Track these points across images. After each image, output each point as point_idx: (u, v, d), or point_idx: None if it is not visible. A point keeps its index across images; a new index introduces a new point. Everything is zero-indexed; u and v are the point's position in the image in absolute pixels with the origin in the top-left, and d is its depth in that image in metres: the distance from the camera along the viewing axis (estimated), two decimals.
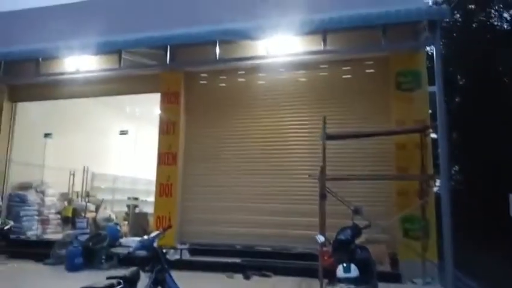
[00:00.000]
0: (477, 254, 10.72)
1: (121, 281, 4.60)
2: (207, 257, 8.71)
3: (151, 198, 11.10)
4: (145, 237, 5.71)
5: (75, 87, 10.99)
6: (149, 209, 11.69)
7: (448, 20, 16.98)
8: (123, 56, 9.33)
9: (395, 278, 7.40)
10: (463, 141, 18.11)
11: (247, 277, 7.71)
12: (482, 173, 15.85)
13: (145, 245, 5.45)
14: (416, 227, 7.75)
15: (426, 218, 7.52)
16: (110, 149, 14.91)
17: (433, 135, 8.87)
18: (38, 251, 9.44)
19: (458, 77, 19.34)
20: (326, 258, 6.40)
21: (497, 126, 14.97)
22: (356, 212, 5.75)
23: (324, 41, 8.24)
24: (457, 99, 19.34)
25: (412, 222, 7.82)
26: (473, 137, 16.47)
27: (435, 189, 8.77)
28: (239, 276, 7.80)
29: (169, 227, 6.03)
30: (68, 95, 11.29)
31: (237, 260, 8.38)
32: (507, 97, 15.36)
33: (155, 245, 5.62)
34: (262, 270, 7.93)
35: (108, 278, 4.80)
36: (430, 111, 8.98)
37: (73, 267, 8.14)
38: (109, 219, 10.73)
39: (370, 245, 5.67)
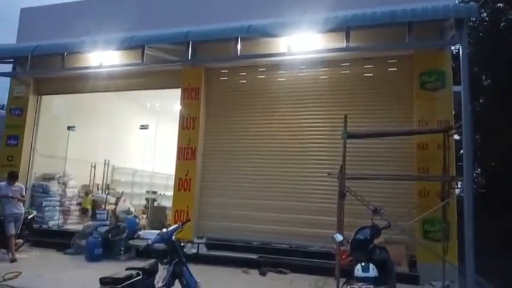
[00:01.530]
0: (499, 259, 10.45)
1: (140, 272, 4.67)
2: (224, 251, 8.77)
3: (170, 193, 11.25)
4: (164, 230, 5.77)
5: (98, 82, 11.21)
6: (168, 203, 11.86)
7: (474, 18, 16.55)
8: (146, 51, 9.44)
9: (413, 279, 7.30)
10: (486, 143, 17.65)
11: (263, 273, 7.72)
12: (505, 177, 15.41)
13: (164, 238, 5.52)
14: (436, 228, 7.62)
15: (447, 220, 7.35)
16: (130, 143, 15.14)
17: (456, 137, 8.68)
18: (59, 240, 9.71)
19: (483, 77, 18.84)
20: (343, 257, 6.36)
21: None
22: (375, 212, 5.67)
23: (347, 38, 8.13)
24: (481, 101, 18.86)
25: (433, 224, 7.69)
26: (496, 140, 16.04)
27: (457, 191, 8.58)
28: (255, 272, 7.82)
29: (188, 220, 6.09)
30: (91, 89, 11.51)
31: (254, 256, 8.41)
32: None
33: (173, 238, 5.70)
34: (278, 267, 7.93)
35: (127, 269, 4.89)
36: (454, 112, 8.79)
37: (92, 258, 8.31)
38: (128, 212, 10.89)
39: (389, 246, 5.59)
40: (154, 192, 13.85)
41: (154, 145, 14.95)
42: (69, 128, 12.00)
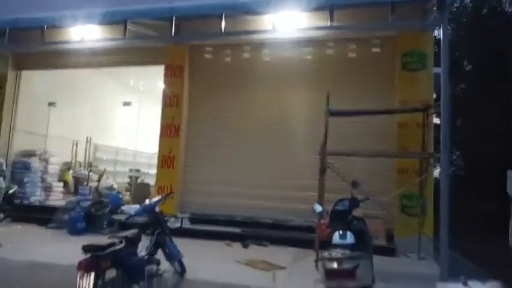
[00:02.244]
0: (474, 237, 10.85)
1: (123, 240, 4.73)
2: (207, 226, 8.90)
3: (153, 171, 11.26)
4: (147, 202, 5.85)
5: (80, 57, 11.00)
6: (151, 181, 11.87)
7: (457, 4, 16.76)
8: (128, 26, 9.29)
9: (390, 252, 7.57)
10: (466, 128, 18.07)
11: (245, 246, 7.91)
12: (484, 161, 15.86)
13: (147, 209, 5.60)
14: (413, 204, 7.90)
15: (424, 196, 7.63)
16: (113, 121, 15.02)
17: (436, 121, 8.93)
18: (41, 215, 9.66)
19: (465, 62, 19.16)
20: (323, 229, 6.53)
21: (502, 114, 14.92)
22: (354, 185, 5.83)
23: (331, 17, 8.16)
24: (462, 86, 19.22)
25: (410, 199, 7.96)
26: (476, 124, 16.43)
27: (436, 173, 8.87)
28: (238, 245, 7.99)
29: (171, 193, 6.19)
30: (72, 65, 11.31)
31: (237, 230, 8.58)
32: None
33: (156, 209, 5.78)
34: (261, 240, 8.11)
35: (110, 238, 4.95)
36: (435, 95, 9.01)
37: (74, 231, 8.33)
38: (111, 188, 10.90)
39: (367, 220, 5.80)
40: (138, 171, 13.84)
41: (137, 123, 14.88)
42: (50, 104, 11.80)
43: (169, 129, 10.00)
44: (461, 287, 5.09)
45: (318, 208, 5.80)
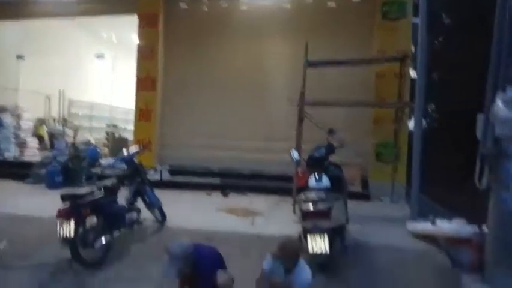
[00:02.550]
0: (445, 184, 11.33)
1: (101, 188, 4.75)
2: (187, 177, 8.99)
3: (131, 127, 11.13)
4: (125, 153, 5.83)
5: (48, 6, 10.41)
6: (129, 136, 11.77)
7: None
8: None
9: (364, 197, 7.88)
10: (442, 81, 18.30)
11: (225, 195, 8.07)
12: (458, 114, 16.20)
13: (125, 160, 5.59)
14: (388, 151, 8.13)
15: (398, 144, 7.86)
16: (86, 75, 14.53)
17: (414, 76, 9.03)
18: (17, 171, 9.50)
19: (443, 16, 19.08)
20: (300, 176, 6.68)
21: (479, 68, 15.07)
22: (330, 132, 5.93)
23: None
24: (440, 39, 19.24)
25: (385, 147, 8.19)
26: (454, 78, 16.63)
27: (411, 125, 9.10)
28: (218, 194, 8.13)
29: (148, 143, 6.18)
30: (41, 14, 10.68)
31: (216, 181, 8.70)
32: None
33: (135, 160, 5.78)
34: (240, 190, 8.28)
35: (88, 187, 4.97)
36: (414, 49, 9.04)
37: (53, 185, 8.26)
38: (88, 143, 10.71)
39: (344, 167, 5.96)
40: (115, 126, 13.65)
41: (112, 77, 14.48)
42: (18, 57, 11.28)
43: (145, 83, 9.79)
44: (429, 226, 5.36)
45: (295, 155, 5.92)
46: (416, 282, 4.33)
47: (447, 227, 5.16)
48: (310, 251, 4.17)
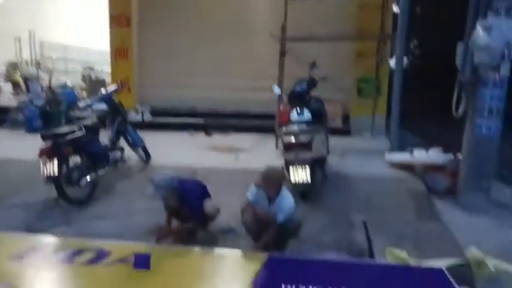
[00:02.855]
0: (425, 118, 11.56)
1: (82, 127, 4.69)
2: (169, 118, 8.93)
3: (108, 69, 10.75)
4: (103, 91, 5.70)
5: None
6: (107, 79, 11.42)
7: None
8: None
9: (345, 132, 8.04)
10: (425, 16, 17.99)
11: (209, 134, 8.10)
12: (441, 51, 16.11)
13: (104, 98, 5.47)
14: (369, 86, 8.17)
15: (379, 78, 7.90)
16: (56, 15, 13.71)
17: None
18: None
19: None
20: (283, 114, 6.71)
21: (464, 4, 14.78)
22: (313, 66, 5.89)
23: None
24: None
25: (367, 82, 8.22)
26: (436, 14, 16.32)
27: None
28: (201, 134, 8.16)
29: (126, 81, 6.03)
30: None
31: (199, 121, 8.67)
32: None
33: (113, 98, 5.66)
34: (223, 129, 8.30)
35: (68, 126, 4.90)
36: None
37: (32, 129, 8.09)
38: (64, 86, 10.39)
39: (325, 103, 5.97)
40: (91, 68, 13.20)
41: (83, 17, 13.74)
42: None
43: (118, 19, 9.31)
44: (406, 155, 5.57)
45: (277, 90, 5.90)
46: (393, 207, 4.56)
47: (423, 155, 5.38)
48: (292, 180, 4.31)
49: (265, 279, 2.86)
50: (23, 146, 6.56)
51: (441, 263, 3.10)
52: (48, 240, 3.56)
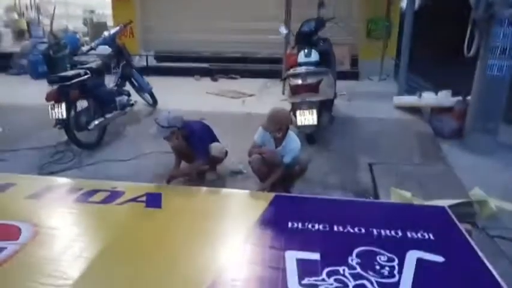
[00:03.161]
0: (437, 61, 11.27)
1: (88, 71, 4.65)
2: (174, 63, 8.79)
3: (109, 11, 10.41)
4: (106, 33, 5.58)
5: None
6: (109, 22, 11.11)
7: None
8: None
9: (354, 76, 7.91)
10: None
11: (215, 79, 8.02)
12: None
13: (107, 40, 5.37)
14: (379, 27, 7.91)
15: (390, 19, 7.61)
16: None
17: None
18: None
19: None
20: (290, 57, 6.56)
21: None
22: (321, 5, 5.67)
23: None
24: None
25: (376, 24, 7.94)
26: None
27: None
28: (207, 79, 8.07)
29: (130, 22, 5.87)
30: None
31: (205, 65, 8.54)
32: None
33: (117, 41, 5.56)
34: (230, 74, 8.20)
35: (74, 69, 4.86)
36: None
37: (37, 75, 8.06)
38: (66, 30, 10.18)
39: (334, 47, 5.80)
40: (92, 11, 12.81)
41: None
42: None
43: None
44: (414, 98, 5.52)
45: (283, 30, 5.73)
46: (399, 149, 4.60)
47: (431, 98, 5.32)
48: (299, 123, 4.32)
49: (271, 217, 2.97)
50: (31, 92, 6.60)
51: (444, 202, 3.18)
52: (63, 181, 3.68)
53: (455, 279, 2.26)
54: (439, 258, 2.40)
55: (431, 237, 2.65)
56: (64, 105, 4.10)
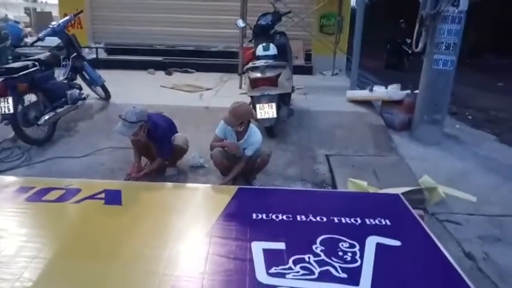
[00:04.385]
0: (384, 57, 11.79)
1: (36, 63, 4.39)
2: (126, 56, 8.48)
3: (53, 0, 9.85)
4: (54, 23, 5.27)
5: None
6: (54, 11, 10.55)
7: None
8: None
9: (307, 70, 8.07)
10: None
11: (169, 73, 7.82)
12: None
13: (56, 31, 5.07)
14: (331, 23, 8.14)
15: (342, 14, 7.85)
16: None
17: None
18: None
19: None
20: (247, 52, 6.57)
21: None
22: None
23: None
24: None
25: (329, 19, 8.17)
26: None
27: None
28: (161, 73, 7.87)
29: (80, 12, 5.60)
30: None
31: (158, 59, 8.32)
32: None
33: (66, 31, 5.27)
34: (185, 68, 8.05)
35: (21, 61, 4.57)
36: None
37: None
38: (6, 19, 9.48)
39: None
40: (35, 1, 12.06)
41: None
42: None
43: None
44: (367, 93, 5.74)
45: (241, 23, 5.73)
46: (354, 140, 4.78)
47: (382, 91, 5.56)
48: (259, 116, 4.36)
49: (236, 210, 2.99)
50: None
51: (397, 190, 3.36)
52: (12, 180, 3.46)
53: (412, 261, 2.41)
54: (396, 243, 2.54)
55: (388, 223, 2.80)
56: (10, 99, 3.85)
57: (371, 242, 2.53)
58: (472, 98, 7.82)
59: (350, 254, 2.40)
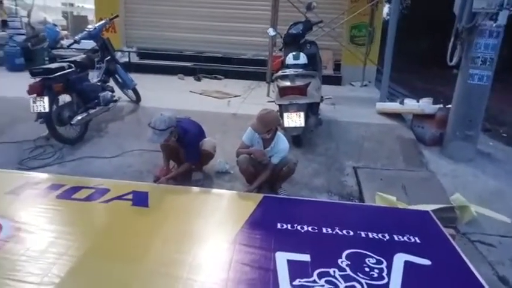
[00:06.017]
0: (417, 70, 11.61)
1: (72, 64, 4.53)
2: (157, 60, 8.65)
3: (89, 5, 10.18)
4: (90, 27, 5.44)
5: None
6: (89, 16, 10.89)
7: None
8: None
9: (336, 80, 7.99)
10: None
11: (198, 79, 7.92)
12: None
13: (92, 34, 5.22)
14: (362, 34, 8.06)
15: (373, 25, 7.76)
16: None
17: None
18: None
19: None
20: (276, 61, 6.58)
21: None
22: (309, 8, 5.71)
23: None
24: None
25: (359, 29, 8.08)
26: None
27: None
28: (190, 78, 7.98)
29: (116, 16, 5.73)
30: None
31: (188, 64, 8.44)
32: None
33: (102, 35, 5.42)
34: (213, 74, 8.14)
35: (58, 62, 4.72)
36: None
37: (14, 68, 7.76)
38: (44, 22, 9.84)
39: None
40: (71, 5, 12.50)
41: None
42: None
43: None
44: (397, 105, 5.62)
45: (271, 32, 5.74)
46: (383, 154, 4.68)
47: (413, 104, 5.44)
48: (286, 125, 4.33)
49: (260, 218, 2.96)
50: (8, 84, 6.36)
51: (428, 207, 3.26)
52: (44, 177, 3.56)
53: (443, 282, 2.31)
54: (426, 262, 2.45)
55: (417, 240, 2.71)
56: (46, 98, 3.98)
57: (399, 259, 2.46)
58: (506, 115, 7.56)
59: (376, 270, 2.33)
